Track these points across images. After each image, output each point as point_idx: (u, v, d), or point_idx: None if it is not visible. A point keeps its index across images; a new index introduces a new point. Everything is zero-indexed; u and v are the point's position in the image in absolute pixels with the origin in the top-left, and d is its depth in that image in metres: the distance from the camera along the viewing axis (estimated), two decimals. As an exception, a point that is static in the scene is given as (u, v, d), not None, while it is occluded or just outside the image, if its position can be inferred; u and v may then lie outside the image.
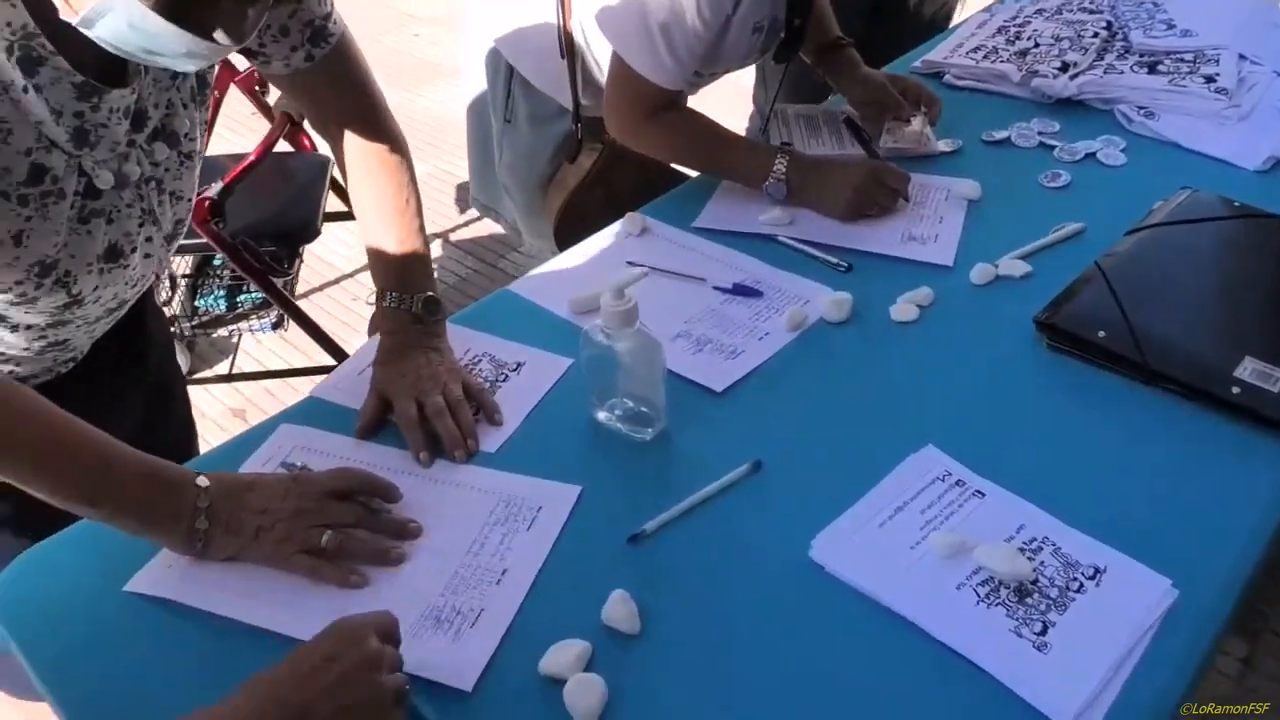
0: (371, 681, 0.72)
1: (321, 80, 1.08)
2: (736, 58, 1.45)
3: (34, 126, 0.81)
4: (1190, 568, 0.87)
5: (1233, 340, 1.07)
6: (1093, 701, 0.78)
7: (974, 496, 0.95)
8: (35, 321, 0.95)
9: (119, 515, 0.87)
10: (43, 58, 0.80)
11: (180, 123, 0.97)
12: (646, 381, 1.02)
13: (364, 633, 0.75)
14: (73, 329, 1.01)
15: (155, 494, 0.88)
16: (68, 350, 1.05)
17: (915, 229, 1.33)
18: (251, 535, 0.90)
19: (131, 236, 0.96)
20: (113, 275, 0.96)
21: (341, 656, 0.72)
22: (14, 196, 0.82)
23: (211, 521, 0.89)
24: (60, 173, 0.85)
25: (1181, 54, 1.61)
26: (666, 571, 0.90)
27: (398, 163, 1.14)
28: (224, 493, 0.90)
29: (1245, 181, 1.40)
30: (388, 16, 4.58)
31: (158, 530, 0.89)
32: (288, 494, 0.91)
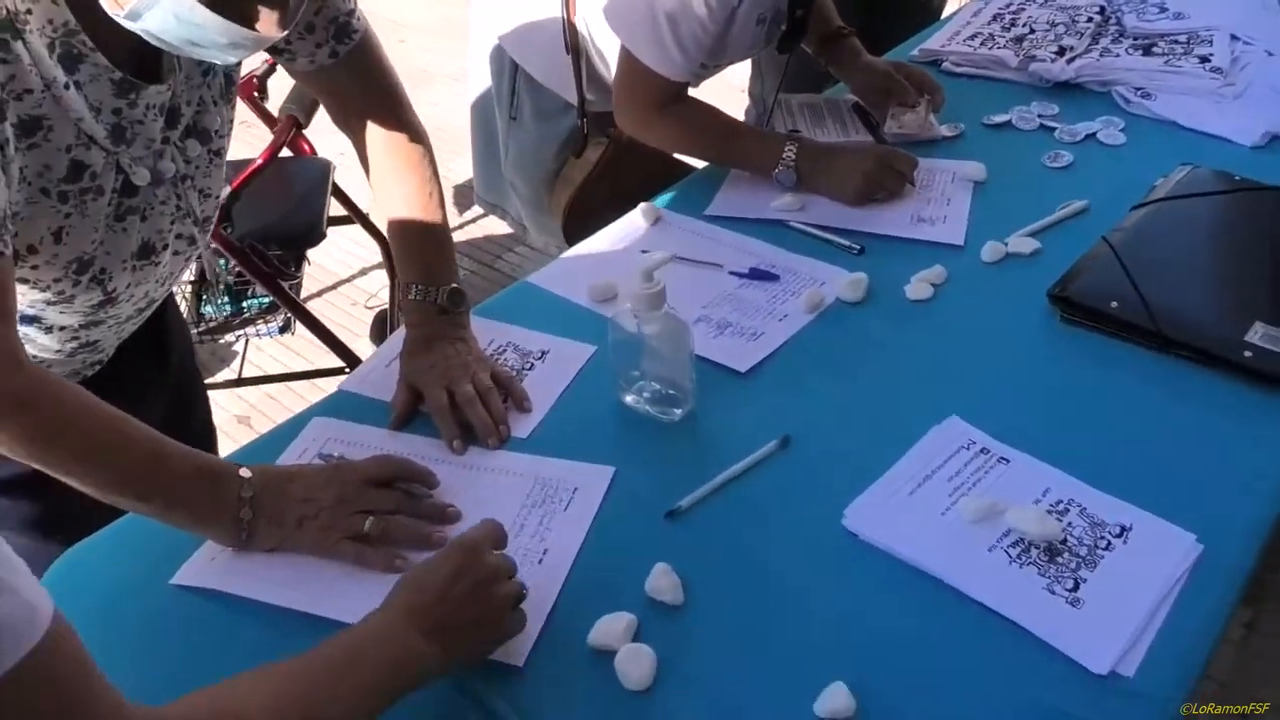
0: (494, 593, 0.79)
1: (345, 76, 1.10)
2: (741, 49, 1.47)
3: (74, 123, 0.83)
4: (1213, 523, 0.90)
5: (1242, 307, 1.10)
6: (1128, 651, 0.80)
7: (999, 463, 0.98)
8: (69, 323, 0.97)
9: (169, 510, 0.89)
10: (83, 55, 0.82)
11: (211, 119, 0.99)
12: (674, 363, 1.04)
13: (481, 548, 0.81)
14: (104, 330, 1.02)
15: (203, 488, 0.89)
16: (96, 352, 1.06)
17: (924, 211, 1.36)
18: (295, 524, 0.91)
19: (164, 234, 0.97)
20: (145, 273, 0.97)
21: (465, 572, 0.78)
22: (54, 193, 0.84)
23: (255, 512, 0.90)
24: (99, 169, 0.87)
25: (1175, 36, 1.65)
26: (705, 545, 0.92)
27: (420, 156, 1.16)
28: (266, 484, 0.92)
29: (1242, 157, 1.43)
30: (374, 24, 4.58)
31: (205, 523, 0.90)
32: (329, 483, 0.93)
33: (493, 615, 0.79)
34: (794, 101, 1.66)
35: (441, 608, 0.76)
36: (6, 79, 0.78)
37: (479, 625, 0.78)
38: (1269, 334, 1.06)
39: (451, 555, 0.80)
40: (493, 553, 0.82)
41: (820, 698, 0.78)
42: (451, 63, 1.83)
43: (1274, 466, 0.96)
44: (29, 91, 0.80)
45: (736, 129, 1.45)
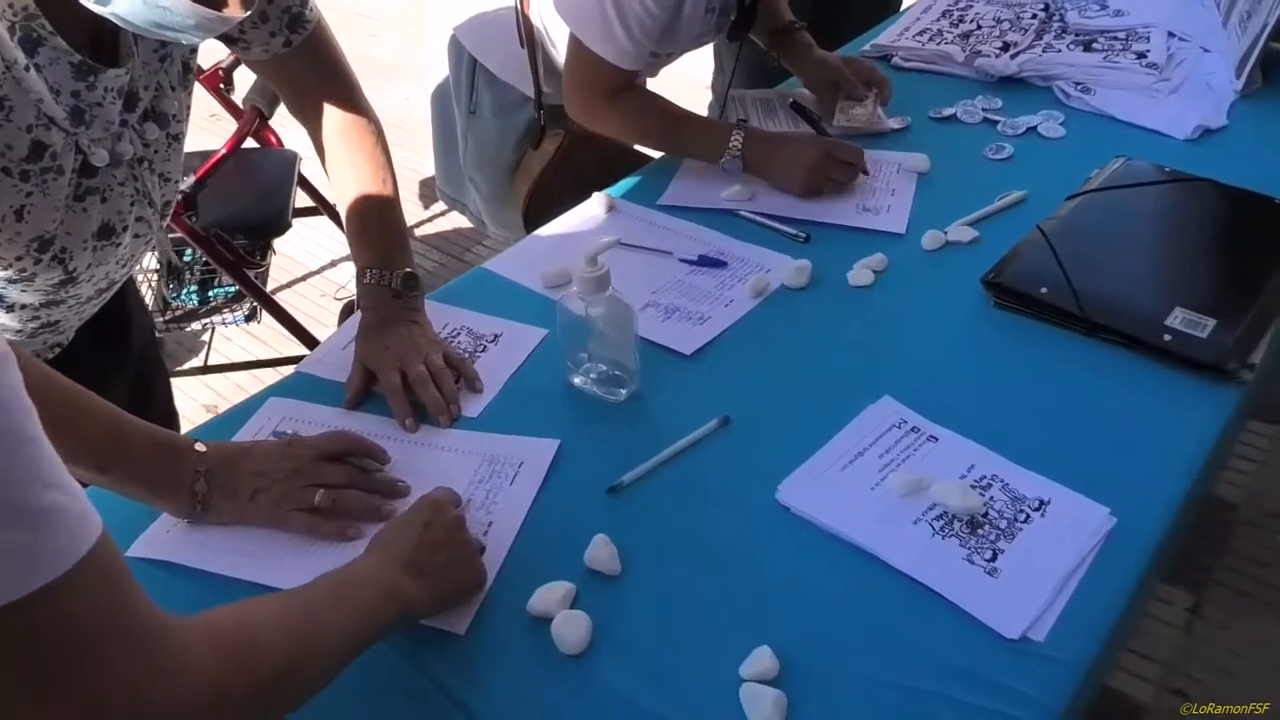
0: (462, 539, 0.87)
1: (299, 64, 1.13)
2: (691, 37, 1.51)
3: (34, 104, 0.86)
4: (1127, 497, 0.94)
5: (1164, 292, 1.15)
6: (1039, 618, 0.85)
7: (928, 441, 1.02)
8: (30, 301, 0.99)
9: (126, 482, 0.91)
10: (43, 38, 0.84)
11: (169, 104, 1.01)
12: (619, 344, 1.07)
13: (446, 502, 0.89)
14: (64, 310, 1.04)
15: (160, 462, 0.92)
16: (57, 333, 1.09)
17: (869, 201, 1.40)
18: (248, 497, 0.94)
19: (124, 215, 1.00)
20: (105, 253, 1.00)
21: (435, 522, 0.86)
22: (15, 172, 0.86)
23: (210, 485, 0.93)
24: (59, 149, 0.89)
25: (1114, 32, 1.70)
26: (644, 518, 0.96)
27: (374, 143, 1.19)
28: (221, 458, 0.95)
29: (1176, 149, 1.48)
30: (344, 18, 4.58)
31: (162, 495, 0.93)
32: (282, 458, 0.96)
33: (466, 557, 0.87)
34: (747, 97, 1.70)
35: (418, 552, 0.83)
36: None
37: (455, 566, 0.85)
38: (1189, 319, 1.11)
39: (420, 508, 0.87)
40: (455, 508, 0.90)
41: (746, 661, 0.82)
42: (421, 57, 1.86)
43: (1188, 445, 1.01)
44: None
45: (684, 118, 1.48)
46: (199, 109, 1.22)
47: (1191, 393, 1.06)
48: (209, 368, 2.43)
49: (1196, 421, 1.03)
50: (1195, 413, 1.04)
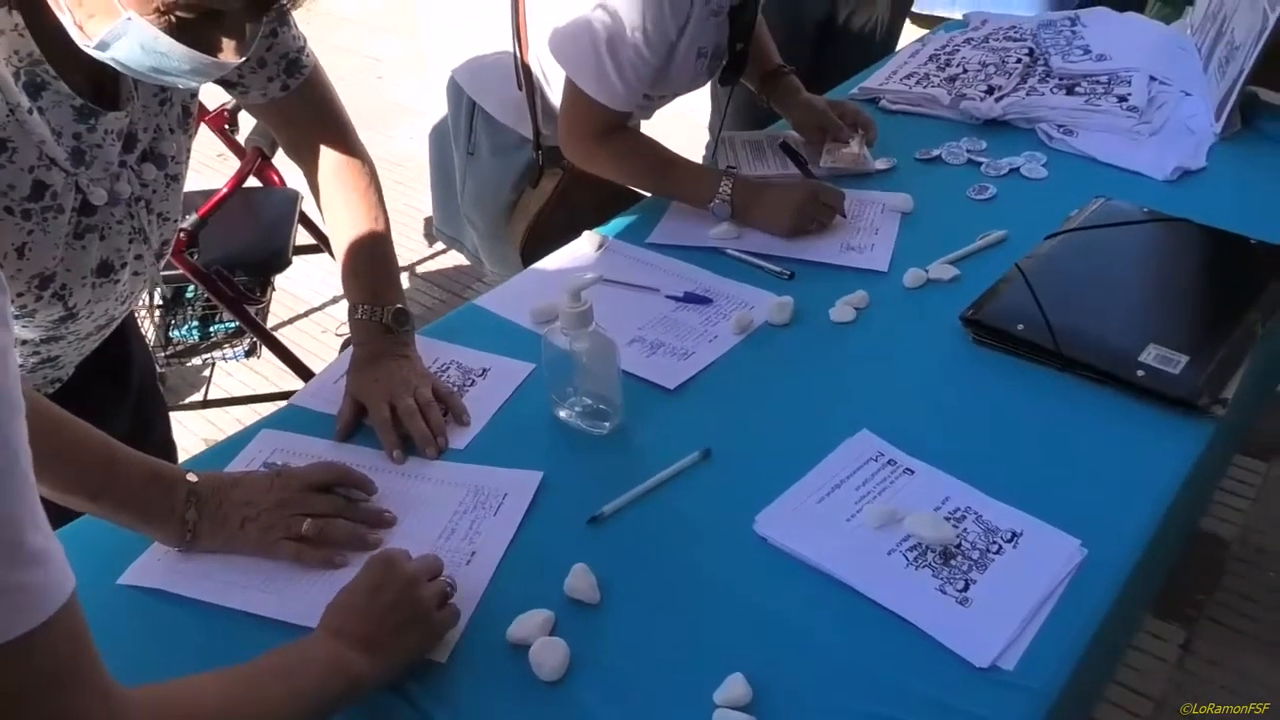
0: (417, 598, 0.85)
1: (295, 108, 1.17)
2: (684, 81, 1.55)
3: (36, 145, 0.89)
4: (1098, 530, 0.96)
5: (1138, 329, 1.18)
6: (1008, 647, 0.86)
7: (904, 474, 1.04)
8: (30, 336, 1.02)
9: (119, 511, 0.94)
10: (46, 82, 0.88)
11: (168, 146, 1.05)
12: (603, 379, 1.10)
13: (397, 559, 0.87)
14: (64, 345, 1.07)
15: (152, 491, 0.94)
16: (57, 368, 1.11)
17: (853, 239, 1.43)
18: (237, 525, 0.96)
19: (122, 253, 1.03)
20: (104, 290, 1.03)
21: (384, 586, 0.84)
22: (18, 211, 0.90)
23: (200, 514, 0.96)
24: (59, 189, 0.93)
25: (1097, 76, 1.73)
26: (624, 548, 0.98)
27: (367, 184, 1.22)
28: (211, 488, 0.97)
29: (1155, 190, 1.51)
30: (353, 62, 4.68)
31: (153, 523, 0.95)
32: (271, 487, 0.99)
33: (419, 619, 0.84)
34: (737, 139, 1.74)
35: (366, 623, 0.82)
36: None
37: (406, 630, 0.83)
38: (1162, 355, 1.13)
39: (368, 572, 0.86)
40: (411, 560, 0.88)
41: (720, 687, 0.83)
42: (426, 98, 1.91)
43: (1160, 479, 1.03)
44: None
45: (675, 162, 1.52)
46: (205, 149, 1.26)
47: (1164, 428, 1.08)
48: (209, 402, 2.47)
49: (1169, 456, 1.05)
50: (1168, 447, 1.06)
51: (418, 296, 3.03)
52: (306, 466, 1.03)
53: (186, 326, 2.21)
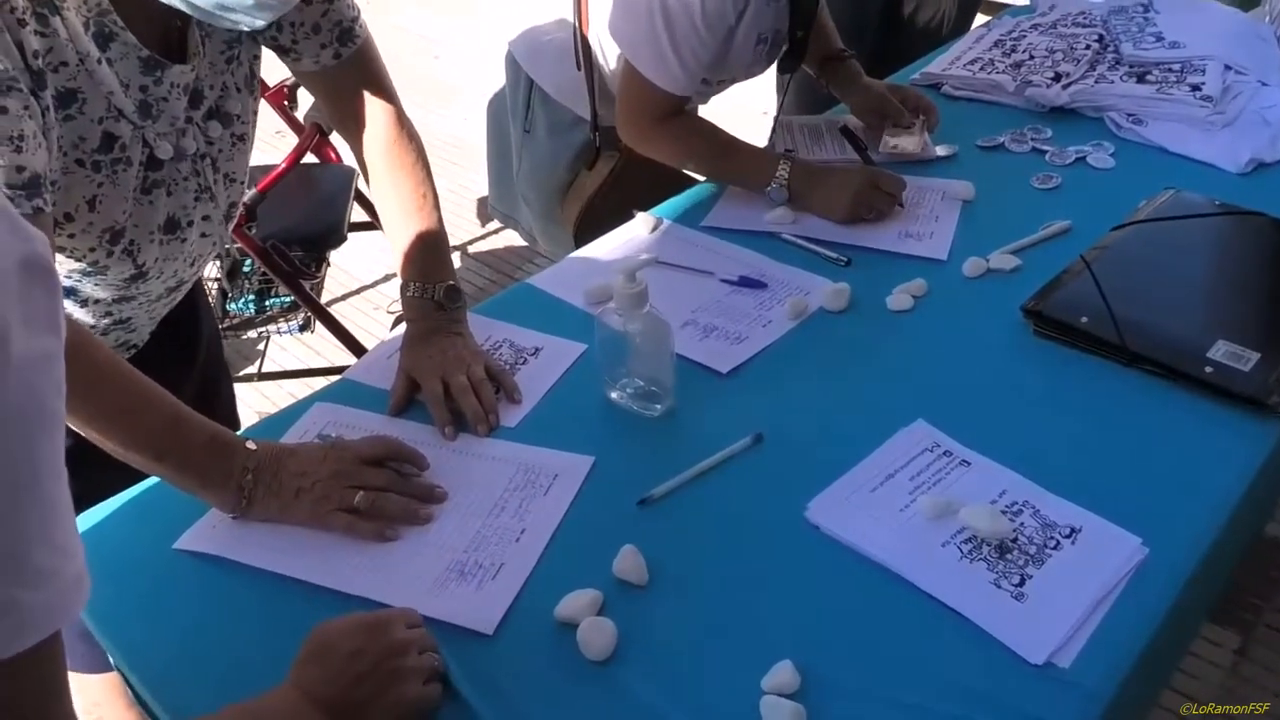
0: (398, 668, 0.80)
1: (346, 78, 1.17)
2: (742, 67, 1.53)
3: (105, 97, 0.90)
4: (1161, 529, 0.94)
5: (1207, 324, 1.14)
6: (1063, 645, 0.84)
7: (960, 465, 1.02)
8: (103, 296, 1.04)
9: (179, 472, 0.95)
10: (114, 33, 0.89)
11: (233, 104, 1.06)
12: (656, 361, 1.09)
13: (389, 626, 0.82)
14: (135, 306, 1.09)
15: (213, 456, 0.96)
16: (129, 331, 1.13)
17: (911, 226, 1.41)
18: (292, 495, 0.97)
19: (188, 210, 1.04)
20: (172, 248, 1.05)
21: (367, 650, 0.80)
22: (88, 163, 0.91)
23: (256, 482, 0.97)
24: (127, 141, 0.94)
25: (1170, 65, 1.69)
26: (673, 531, 0.97)
27: (415, 159, 1.22)
28: (268, 456, 0.98)
29: (1228, 183, 1.47)
30: (408, 40, 4.71)
31: (211, 488, 0.96)
32: (325, 459, 0.99)
33: (393, 693, 0.79)
34: (795, 122, 1.71)
35: (337, 686, 0.78)
36: (45, 50, 0.85)
37: (375, 702, 0.79)
38: (1231, 351, 1.10)
39: (357, 633, 0.81)
40: (404, 629, 0.83)
41: (768, 674, 0.83)
42: (481, 79, 1.91)
43: (1226, 479, 1.00)
44: (65, 64, 0.87)
45: (733, 145, 1.50)
46: (264, 125, 1.27)
47: (1232, 426, 1.05)
48: (263, 375, 2.50)
49: (1235, 456, 1.02)
50: (1235, 447, 1.03)
51: (469, 277, 3.04)
52: (360, 440, 1.03)
53: (243, 300, 2.24)
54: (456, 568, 0.94)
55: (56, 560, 0.47)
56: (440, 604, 0.90)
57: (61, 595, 0.48)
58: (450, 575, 0.94)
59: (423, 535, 0.98)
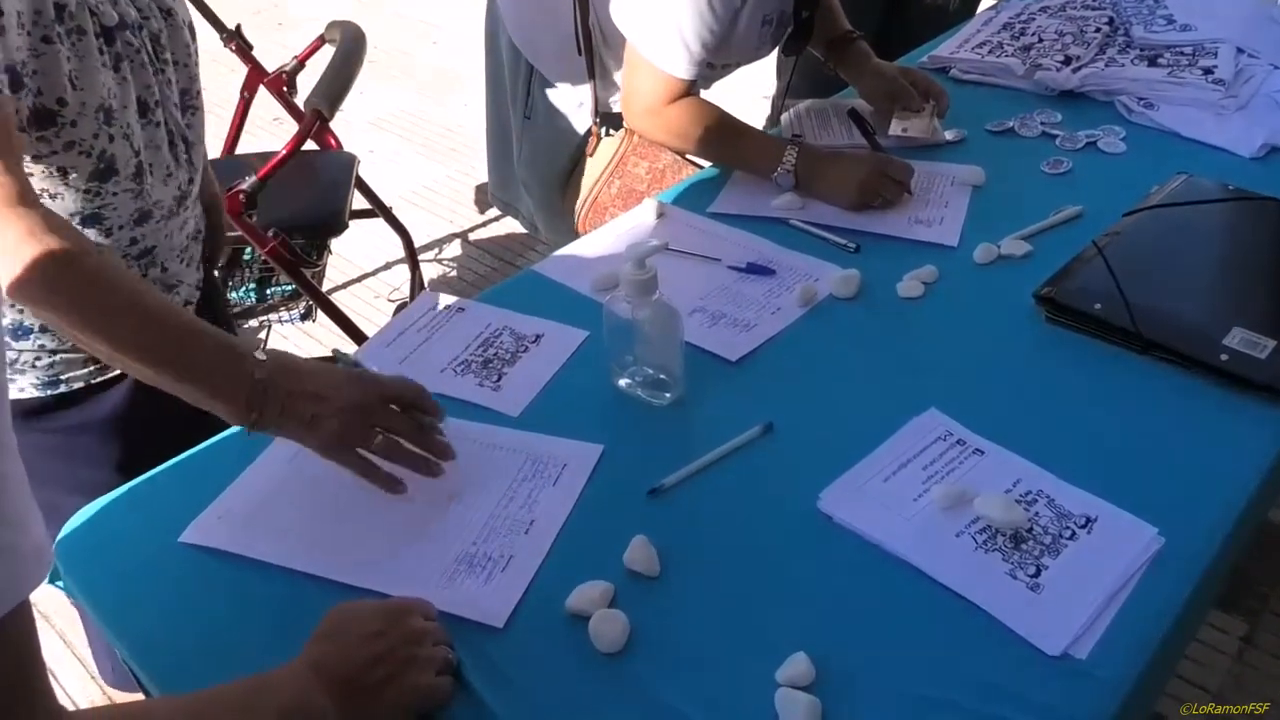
0: (413, 656, 0.79)
1: None
2: (747, 49, 1.51)
3: None
4: (1177, 518, 0.92)
5: (1223, 311, 1.13)
6: (1080, 636, 0.83)
7: (974, 454, 1.01)
8: (122, 219, 1.03)
9: (184, 377, 0.91)
10: None
11: None
12: (665, 348, 1.08)
13: (409, 613, 0.82)
14: (153, 227, 1.08)
15: (220, 361, 0.91)
16: (154, 264, 1.11)
17: (921, 212, 1.39)
18: (306, 421, 0.92)
19: (152, 89, 1.03)
20: (150, 133, 1.03)
21: (385, 634, 0.79)
22: (52, 36, 0.91)
23: (267, 396, 0.90)
24: (73, 9, 0.94)
25: (1181, 48, 1.67)
26: (684, 521, 0.96)
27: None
28: (282, 369, 0.92)
29: (1241, 167, 1.45)
30: (407, 27, 4.68)
31: (220, 397, 0.90)
32: (349, 384, 0.93)
33: (406, 679, 0.78)
34: (802, 106, 1.70)
35: (351, 665, 0.77)
36: None
37: (387, 687, 0.77)
38: (1247, 339, 1.08)
39: (376, 615, 0.80)
40: (421, 620, 0.82)
41: (782, 666, 0.81)
42: (481, 65, 1.89)
43: (1242, 468, 0.99)
44: None
45: (739, 129, 1.49)
46: (263, 112, 1.24)
47: (1248, 415, 1.04)
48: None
49: (1252, 444, 1.01)
50: (1251, 435, 1.02)
51: (470, 264, 3.02)
52: (389, 377, 0.97)
53: (244, 288, 2.22)
54: (465, 560, 0.93)
55: (9, 534, 0.46)
56: (449, 597, 0.89)
57: (20, 568, 0.47)
58: (459, 568, 0.92)
59: (430, 527, 0.97)
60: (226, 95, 1.04)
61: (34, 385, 1.09)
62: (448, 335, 1.22)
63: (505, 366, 1.16)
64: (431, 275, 2.94)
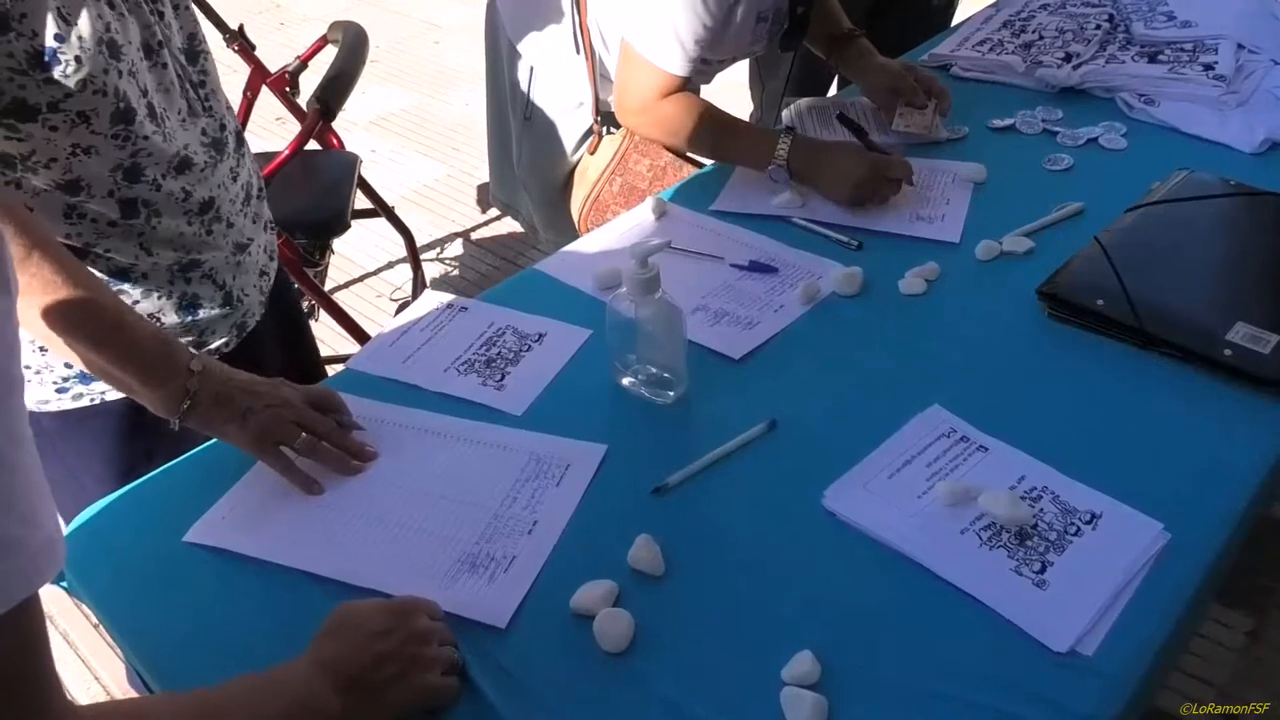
0: (419, 654, 0.79)
1: None
2: (742, 46, 1.51)
3: None
4: (1182, 513, 0.92)
5: (1225, 306, 1.13)
6: (1087, 632, 0.83)
7: (978, 451, 1.01)
8: (162, 169, 1.01)
9: (122, 360, 0.94)
10: None
11: None
12: (668, 347, 1.08)
13: (416, 612, 0.83)
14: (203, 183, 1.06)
15: (157, 351, 0.95)
16: (220, 220, 1.10)
17: (923, 209, 1.39)
18: (238, 413, 0.97)
19: (153, 31, 1.01)
20: (158, 76, 1.01)
21: (392, 632, 0.79)
22: None
23: (202, 386, 0.96)
24: None
25: (1181, 44, 1.66)
26: (689, 520, 0.96)
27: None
28: (216, 364, 0.99)
29: (1242, 163, 1.45)
30: (407, 25, 4.67)
31: (153, 382, 0.95)
32: (276, 384, 1.01)
33: (412, 677, 0.78)
34: (803, 105, 1.69)
35: (358, 663, 0.77)
36: None
37: (394, 685, 0.78)
38: (1250, 334, 1.08)
39: (383, 613, 0.81)
40: (427, 620, 0.83)
41: (788, 664, 0.81)
42: (481, 63, 1.90)
43: (1245, 461, 0.99)
44: None
45: (732, 124, 1.48)
46: (265, 112, 1.24)
47: (1251, 410, 1.04)
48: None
49: (1256, 439, 1.01)
50: (1255, 430, 1.02)
51: (472, 263, 3.02)
52: (309, 385, 1.05)
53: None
54: (468, 560, 0.93)
55: (18, 528, 0.46)
56: (452, 597, 0.89)
57: (28, 563, 0.47)
58: (461, 568, 0.92)
59: (432, 526, 0.97)
60: (229, 95, 1.04)
61: None
62: (451, 335, 1.22)
63: (509, 366, 1.16)
64: (433, 274, 2.94)
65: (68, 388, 1.07)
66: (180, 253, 1.07)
